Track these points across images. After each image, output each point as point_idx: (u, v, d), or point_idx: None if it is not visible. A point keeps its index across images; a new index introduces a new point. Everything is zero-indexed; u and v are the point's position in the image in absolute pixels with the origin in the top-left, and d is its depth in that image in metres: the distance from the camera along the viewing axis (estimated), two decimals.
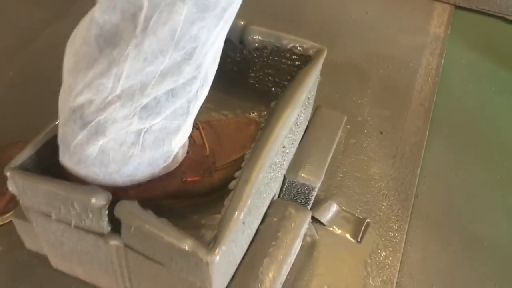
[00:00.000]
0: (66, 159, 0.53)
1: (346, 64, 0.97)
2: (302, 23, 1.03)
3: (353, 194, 0.76)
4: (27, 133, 0.58)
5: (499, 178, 0.80)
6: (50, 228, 0.56)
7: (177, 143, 0.56)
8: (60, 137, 0.53)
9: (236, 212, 0.48)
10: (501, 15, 1.11)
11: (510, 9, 1.09)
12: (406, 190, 0.77)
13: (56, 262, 0.64)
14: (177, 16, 0.42)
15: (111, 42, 0.44)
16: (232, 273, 0.56)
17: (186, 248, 0.46)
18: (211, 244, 0.46)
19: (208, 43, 0.48)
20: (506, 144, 0.85)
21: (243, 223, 0.52)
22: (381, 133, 0.85)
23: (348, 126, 0.84)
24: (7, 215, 0.66)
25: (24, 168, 0.52)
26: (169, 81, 0.48)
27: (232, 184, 0.51)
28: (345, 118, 0.75)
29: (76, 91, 0.48)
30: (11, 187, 0.53)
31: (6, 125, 0.78)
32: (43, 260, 0.64)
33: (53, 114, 0.54)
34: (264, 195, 0.59)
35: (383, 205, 0.74)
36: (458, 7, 1.12)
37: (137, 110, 0.49)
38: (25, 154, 0.53)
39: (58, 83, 0.52)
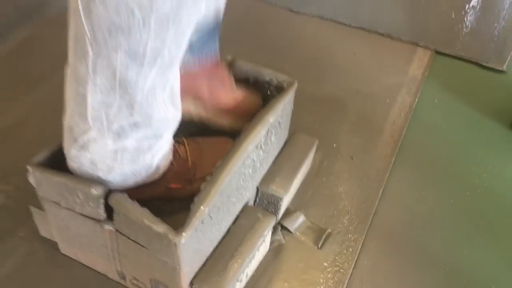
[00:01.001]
0: (70, 163, 0.66)
1: (327, 97, 1.10)
2: (292, 61, 1.17)
3: (320, 209, 0.87)
4: None
5: (452, 203, 0.91)
6: (59, 215, 0.69)
7: (153, 159, 0.68)
8: (64, 146, 0.66)
9: (202, 206, 0.61)
10: (477, 61, 1.23)
11: (485, 56, 1.21)
12: (367, 208, 0.88)
13: (63, 247, 0.77)
14: (114, 62, 0.54)
15: (79, 80, 0.57)
16: (203, 261, 0.69)
17: (160, 231, 0.59)
18: (180, 229, 0.59)
19: (148, 87, 0.57)
20: (462, 176, 0.96)
21: (211, 218, 0.65)
22: (352, 158, 0.97)
23: (323, 151, 0.97)
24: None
25: (41, 165, 0.66)
26: (126, 114, 0.59)
27: (203, 185, 0.64)
28: (317, 141, 0.88)
29: (67, 114, 0.62)
30: (31, 180, 0.67)
31: None
32: (53, 245, 0.78)
33: None
34: (234, 200, 0.71)
35: (345, 219, 0.86)
36: (438, 53, 1.24)
37: (110, 135, 0.61)
38: (43, 154, 0.67)
39: None
